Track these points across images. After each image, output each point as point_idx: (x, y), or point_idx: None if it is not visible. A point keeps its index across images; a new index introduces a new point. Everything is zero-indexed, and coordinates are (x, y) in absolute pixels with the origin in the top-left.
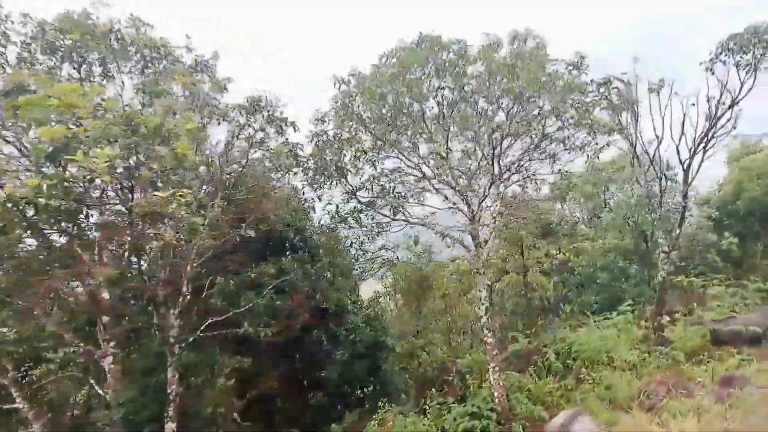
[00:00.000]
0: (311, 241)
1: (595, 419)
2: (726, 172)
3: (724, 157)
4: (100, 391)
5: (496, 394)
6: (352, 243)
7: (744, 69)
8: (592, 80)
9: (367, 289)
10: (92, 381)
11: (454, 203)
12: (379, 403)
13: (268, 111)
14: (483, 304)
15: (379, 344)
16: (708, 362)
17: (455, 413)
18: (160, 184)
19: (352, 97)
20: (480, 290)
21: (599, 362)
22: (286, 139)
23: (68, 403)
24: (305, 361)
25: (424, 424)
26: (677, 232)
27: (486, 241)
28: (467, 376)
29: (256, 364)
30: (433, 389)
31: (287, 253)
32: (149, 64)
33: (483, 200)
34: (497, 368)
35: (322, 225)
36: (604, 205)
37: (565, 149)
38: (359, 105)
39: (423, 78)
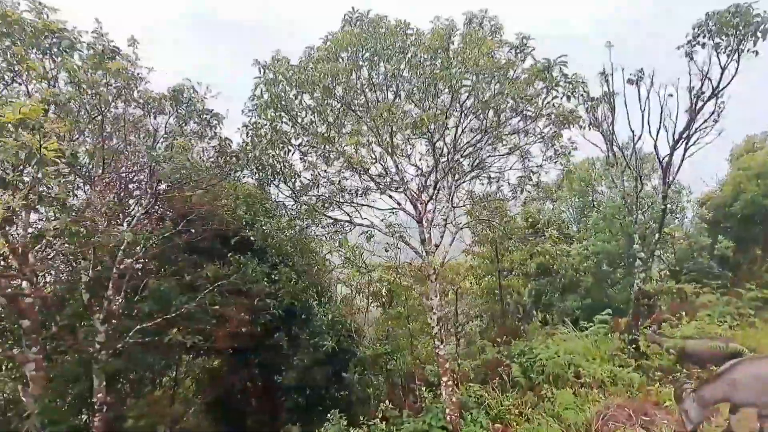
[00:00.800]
0: (259, 242)
1: None
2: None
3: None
4: (23, 398)
5: (447, 410)
6: (302, 245)
7: (725, 53)
8: (534, 64)
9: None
10: (20, 387)
11: (399, 203)
12: (329, 415)
13: (188, 102)
14: (435, 313)
15: (342, 350)
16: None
17: (405, 430)
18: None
19: (276, 86)
20: (431, 298)
21: (564, 378)
22: (215, 133)
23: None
24: (266, 366)
25: None
26: (656, 237)
27: (437, 246)
28: (425, 388)
29: (218, 368)
30: (388, 401)
31: (228, 254)
32: (54, 52)
33: (429, 200)
34: (450, 382)
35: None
36: (592, 205)
37: (528, 144)
38: (284, 93)
39: (351, 65)
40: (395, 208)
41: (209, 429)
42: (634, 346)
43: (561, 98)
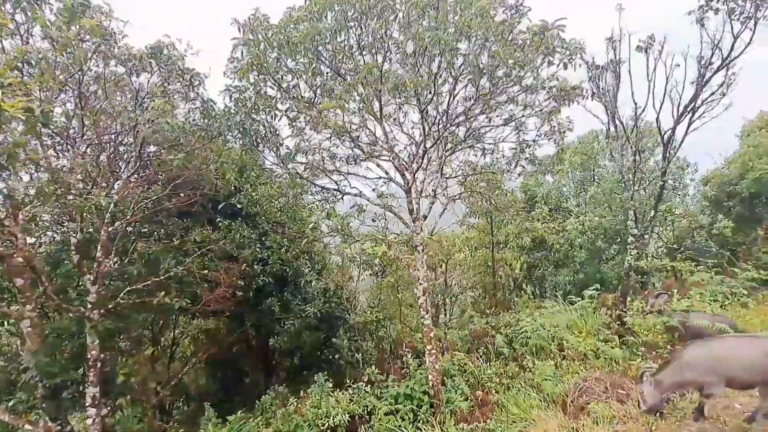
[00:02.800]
0: (247, 208)
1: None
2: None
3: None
4: (21, 353)
5: (430, 377)
6: (293, 213)
7: (739, 19)
8: (528, 27)
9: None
10: (17, 342)
11: (387, 172)
12: (315, 377)
13: (167, 61)
14: (421, 284)
15: (334, 316)
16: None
17: (388, 393)
18: None
19: (257, 47)
20: (418, 269)
21: (547, 350)
22: (197, 93)
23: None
24: (260, 329)
25: (350, 401)
26: (652, 214)
27: (425, 217)
28: (410, 355)
29: (214, 329)
30: (374, 366)
31: (218, 219)
32: (24, 6)
33: (418, 170)
34: (434, 351)
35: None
36: (593, 179)
37: (525, 116)
38: (263, 56)
39: (336, 25)
40: (383, 177)
41: (205, 386)
42: (620, 321)
43: (558, 65)
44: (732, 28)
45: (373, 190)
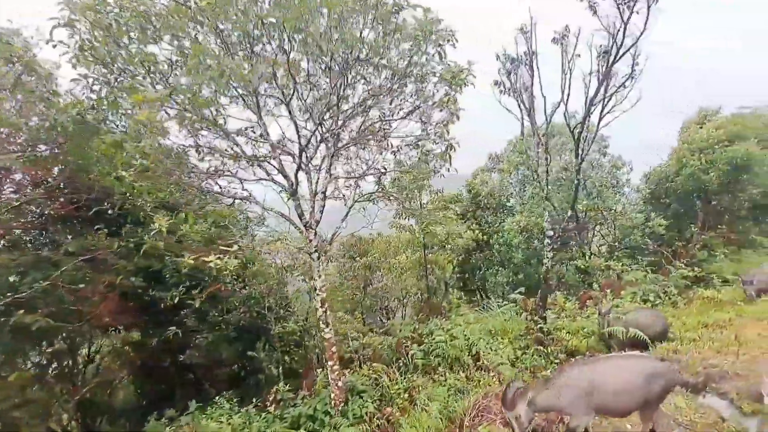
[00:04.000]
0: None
1: None
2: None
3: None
4: None
5: (333, 395)
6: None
7: (626, 4)
8: (398, 15)
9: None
10: None
11: (268, 173)
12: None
13: None
14: (318, 294)
15: (257, 327)
16: None
17: (290, 414)
18: None
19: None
20: (315, 279)
21: (461, 360)
22: (45, 86)
23: None
24: (176, 343)
25: (249, 422)
26: (569, 213)
27: (317, 222)
28: (320, 371)
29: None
30: (282, 383)
31: (97, 226)
32: None
33: (298, 170)
34: (336, 366)
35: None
36: (532, 177)
37: (420, 106)
38: (104, 40)
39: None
40: (263, 179)
41: (136, 401)
42: (539, 326)
43: (433, 55)
44: (621, 14)
45: (280, 192)
